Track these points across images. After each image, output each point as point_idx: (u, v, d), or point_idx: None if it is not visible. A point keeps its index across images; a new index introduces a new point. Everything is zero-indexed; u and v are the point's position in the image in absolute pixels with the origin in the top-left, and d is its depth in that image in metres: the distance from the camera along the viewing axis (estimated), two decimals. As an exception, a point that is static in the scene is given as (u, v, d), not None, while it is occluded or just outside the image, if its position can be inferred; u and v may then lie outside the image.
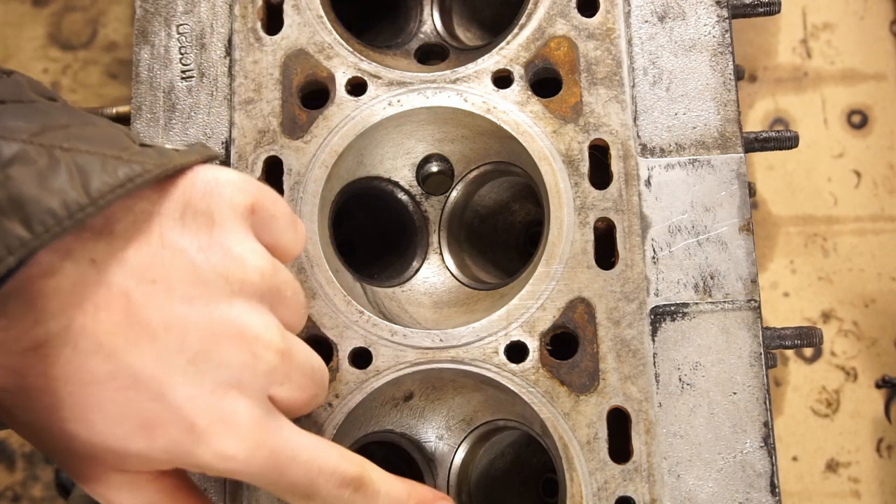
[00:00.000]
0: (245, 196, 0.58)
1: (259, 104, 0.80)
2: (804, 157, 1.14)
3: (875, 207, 1.13)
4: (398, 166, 0.86)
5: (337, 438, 0.73)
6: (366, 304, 0.78)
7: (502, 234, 0.91)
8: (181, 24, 0.82)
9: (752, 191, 0.82)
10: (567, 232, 0.75)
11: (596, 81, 0.78)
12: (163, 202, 0.54)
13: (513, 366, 0.73)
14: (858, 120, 1.15)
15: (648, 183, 0.76)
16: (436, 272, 0.87)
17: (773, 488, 0.70)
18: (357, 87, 0.80)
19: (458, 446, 0.83)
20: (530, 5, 0.80)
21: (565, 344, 0.74)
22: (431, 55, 0.92)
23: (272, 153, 0.79)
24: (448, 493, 0.82)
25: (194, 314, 0.53)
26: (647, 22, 0.79)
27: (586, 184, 0.76)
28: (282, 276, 0.60)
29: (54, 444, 0.53)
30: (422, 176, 0.87)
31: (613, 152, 0.76)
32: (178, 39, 0.82)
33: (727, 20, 0.79)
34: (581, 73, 0.78)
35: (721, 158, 0.76)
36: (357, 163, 0.83)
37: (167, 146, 0.57)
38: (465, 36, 0.94)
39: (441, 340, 0.74)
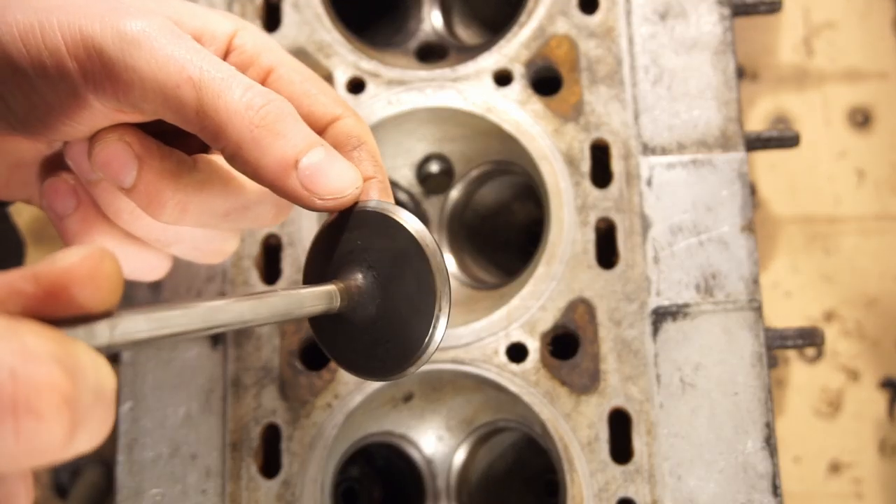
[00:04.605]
0: None
1: (258, 103, 0.79)
2: (806, 157, 1.14)
3: (877, 207, 1.12)
4: (398, 166, 0.86)
5: (337, 439, 0.73)
6: (365, 304, 0.77)
7: (503, 234, 0.91)
8: (180, 23, 0.82)
9: (753, 190, 0.82)
10: (568, 232, 0.74)
11: (597, 80, 0.77)
12: None
13: (513, 366, 0.73)
14: (861, 119, 1.15)
15: (650, 182, 0.75)
16: (436, 272, 0.87)
17: (775, 489, 0.70)
18: (356, 86, 0.79)
19: (459, 447, 0.82)
20: (531, 3, 0.79)
21: (566, 344, 0.74)
22: (431, 54, 0.91)
23: (271, 152, 0.78)
24: (448, 494, 0.82)
25: None
26: (648, 20, 0.79)
27: (587, 183, 0.75)
28: None
29: None
30: (422, 175, 0.87)
31: (614, 151, 0.76)
32: (176, 38, 0.81)
33: (728, 18, 0.78)
34: (582, 71, 0.78)
35: (723, 158, 0.75)
36: (357, 162, 0.82)
37: None
38: (466, 34, 0.93)
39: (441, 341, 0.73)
